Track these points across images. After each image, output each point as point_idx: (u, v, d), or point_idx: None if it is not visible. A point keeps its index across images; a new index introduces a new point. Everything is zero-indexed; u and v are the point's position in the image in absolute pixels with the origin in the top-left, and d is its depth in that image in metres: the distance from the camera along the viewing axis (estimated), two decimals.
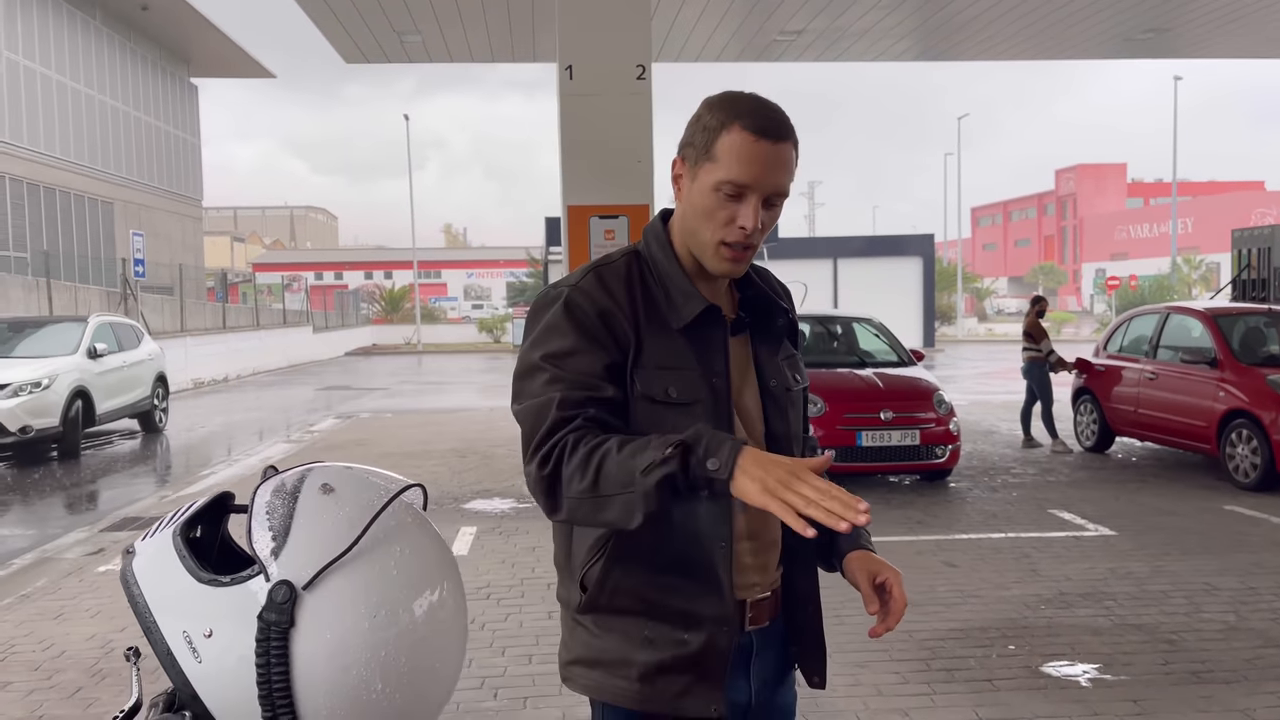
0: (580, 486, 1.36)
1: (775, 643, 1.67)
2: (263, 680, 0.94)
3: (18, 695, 4.12)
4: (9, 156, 23.60)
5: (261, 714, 0.94)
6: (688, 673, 1.51)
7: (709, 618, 1.51)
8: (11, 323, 13.20)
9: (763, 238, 1.55)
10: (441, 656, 1.06)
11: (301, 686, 0.94)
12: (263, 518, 1.01)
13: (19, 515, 8.77)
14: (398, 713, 1.00)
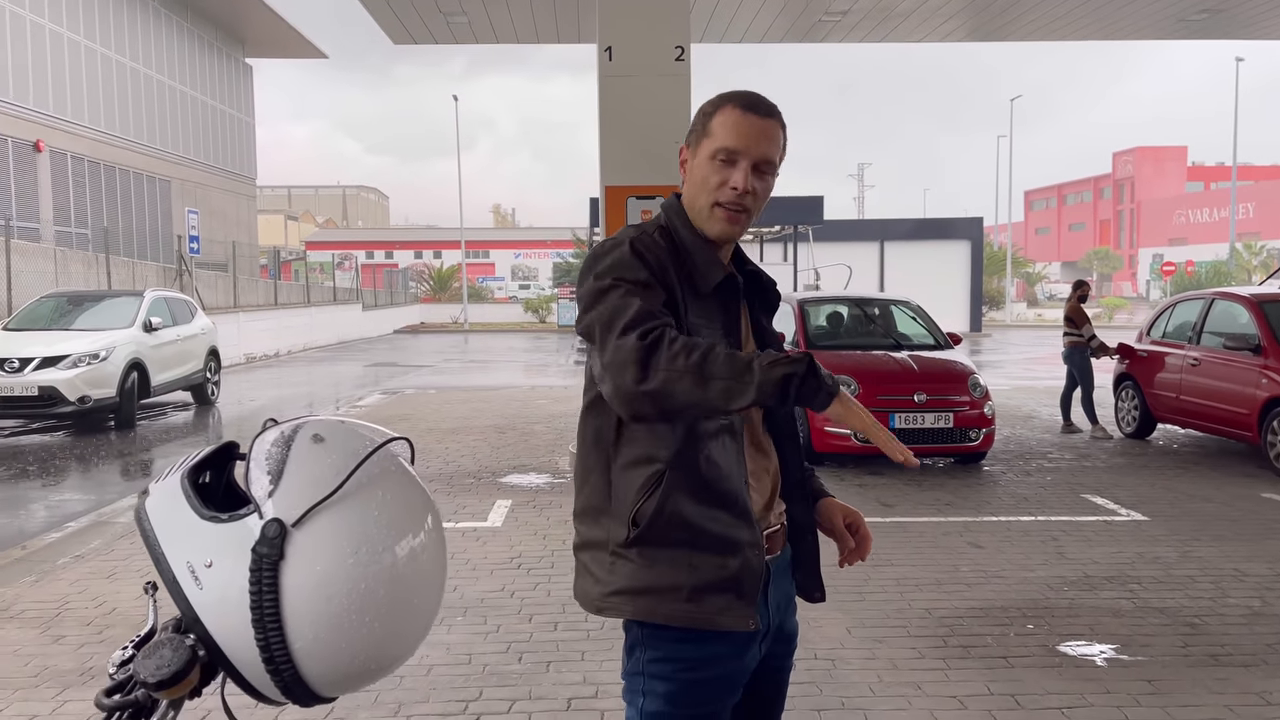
0: (685, 362, 1.50)
1: (784, 571, 1.87)
2: (255, 606, 1.05)
3: (70, 648, 4.35)
4: (72, 135, 24.25)
5: (254, 637, 1.06)
6: (728, 592, 1.70)
7: (745, 543, 1.71)
8: (71, 296, 13.64)
9: (757, 205, 1.76)
10: (420, 594, 1.16)
11: (290, 614, 1.06)
12: (260, 463, 1.12)
13: (77, 481, 9.12)
14: (377, 642, 1.11)
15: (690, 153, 1.79)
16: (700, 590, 1.68)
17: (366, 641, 1.10)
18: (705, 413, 1.56)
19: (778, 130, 1.75)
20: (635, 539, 1.70)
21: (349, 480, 1.11)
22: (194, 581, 1.08)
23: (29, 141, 22.62)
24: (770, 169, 1.75)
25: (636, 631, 1.75)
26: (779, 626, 1.87)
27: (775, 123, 1.75)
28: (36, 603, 5.00)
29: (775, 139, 1.75)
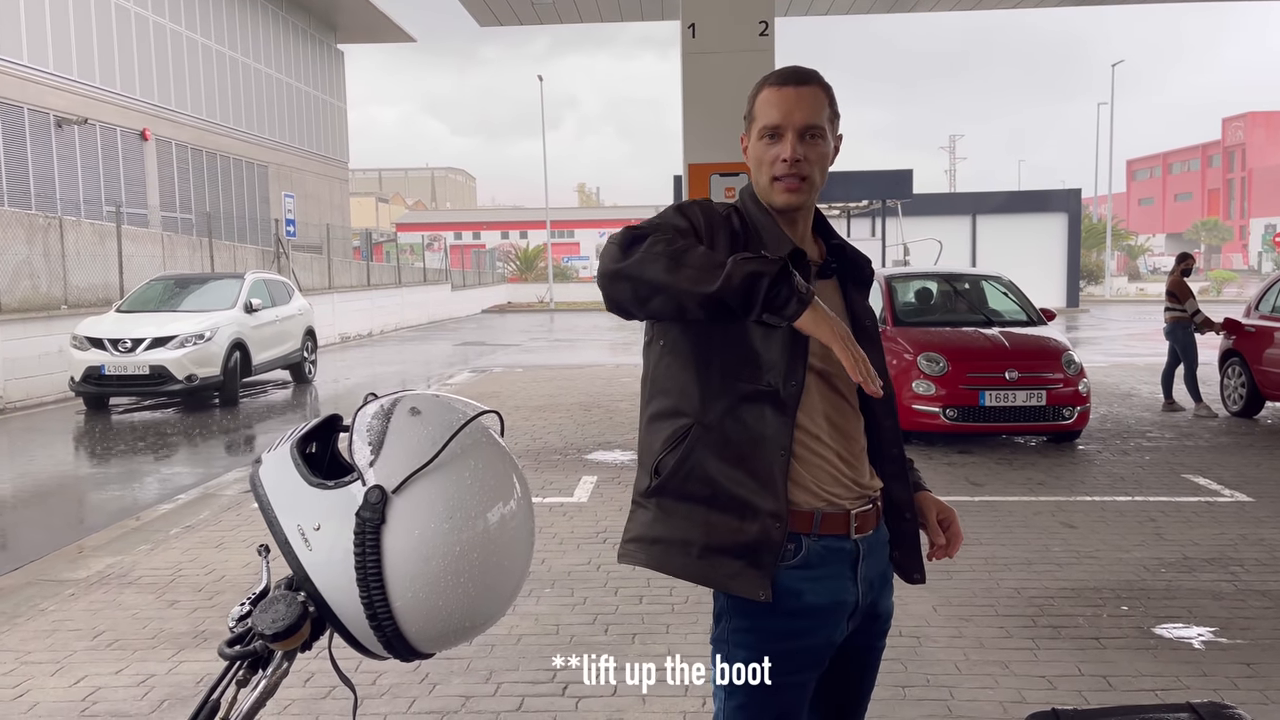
0: (665, 249, 1.52)
1: (879, 549, 1.84)
2: (359, 567, 1.13)
3: (184, 612, 4.61)
4: (176, 123, 25.22)
5: (359, 595, 1.14)
6: (741, 558, 1.69)
7: (766, 512, 1.69)
8: (178, 279, 14.25)
9: (817, 171, 1.78)
10: (510, 558, 1.23)
11: (390, 573, 1.13)
12: (362, 434, 1.20)
13: (185, 455, 9.57)
14: (471, 601, 1.17)
15: (746, 139, 1.86)
16: (712, 550, 1.68)
17: (461, 601, 1.16)
18: (678, 303, 1.50)
19: (817, 95, 1.77)
20: (655, 489, 1.74)
21: (444, 450, 1.17)
22: (304, 543, 1.16)
23: (136, 131, 23.61)
24: (819, 132, 1.76)
25: (723, 600, 1.77)
26: (871, 604, 1.83)
27: (813, 88, 1.77)
28: (152, 569, 5.29)
29: (815, 104, 1.76)
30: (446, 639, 1.20)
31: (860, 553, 1.78)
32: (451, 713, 3.47)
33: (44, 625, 4.46)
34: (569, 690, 3.64)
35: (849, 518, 1.75)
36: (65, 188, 20.79)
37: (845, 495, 1.76)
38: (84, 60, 21.69)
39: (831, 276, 1.86)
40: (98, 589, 4.97)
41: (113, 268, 16.46)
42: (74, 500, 7.94)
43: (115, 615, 4.57)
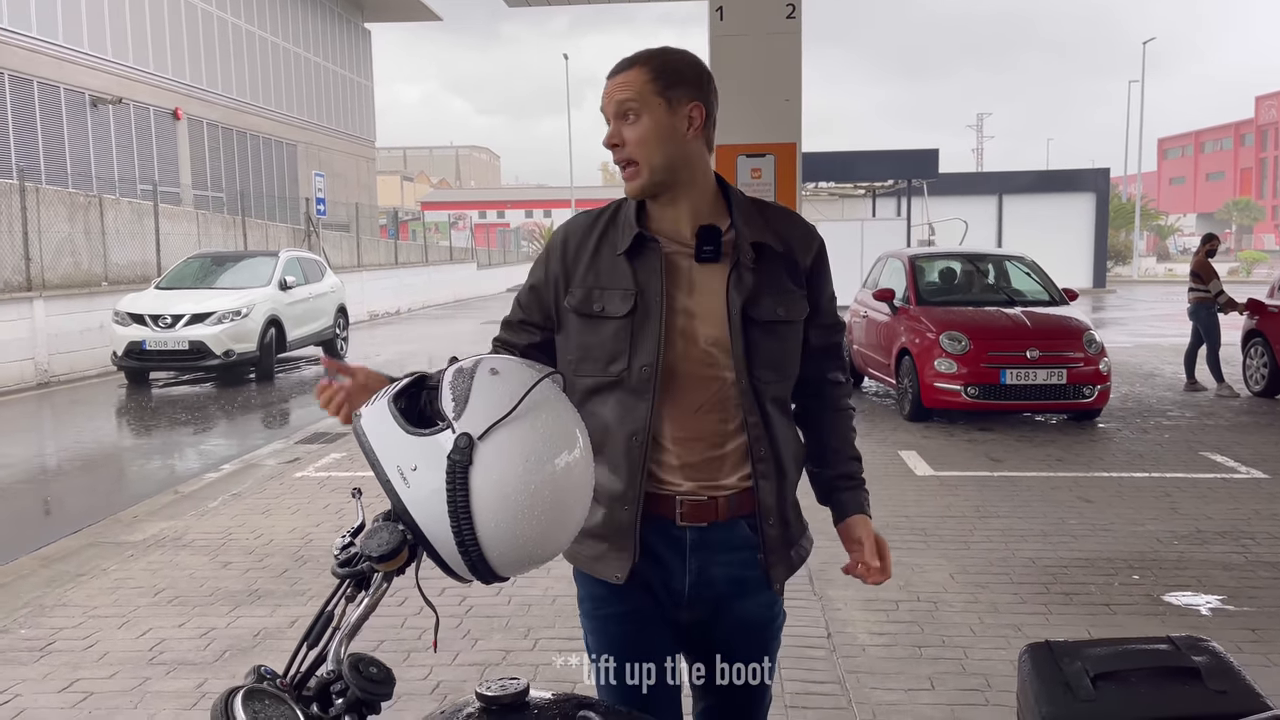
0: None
1: (726, 547, 1.80)
2: (450, 501, 1.33)
3: (238, 572, 4.87)
4: (207, 103, 25.54)
5: (449, 526, 1.34)
6: (603, 541, 1.78)
7: (613, 496, 1.76)
8: (215, 256, 14.57)
9: (640, 150, 1.74)
10: (575, 497, 1.43)
11: (476, 507, 1.33)
12: (449, 390, 1.40)
13: (225, 428, 9.88)
14: (541, 532, 1.38)
15: None
16: (583, 533, 1.61)
17: (533, 531, 1.37)
18: None
19: (633, 74, 1.74)
20: None
21: (520, 403, 1.37)
22: (403, 481, 1.36)
23: (169, 110, 23.94)
24: (631, 108, 1.73)
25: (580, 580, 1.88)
26: (725, 609, 1.81)
27: (632, 70, 1.75)
28: (204, 533, 5.57)
29: (629, 82, 1.74)
30: (521, 564, 1.40)
31: (688, 542, 1.77)
32: (493, 665, 3.70)
33: (107, 583, 4.74)
34: None
35: (672, 504, 1.77)
36: (101, 166, 21.16)
37: (677, 482, 1.77)
38: (118, 40, 22.01)
39: (718, 261, 1.77)
40: (154, 551, 5.25)
41: (150, 245, 16.81)
42: (121, 470, 8.25)
43: (173, 574, 4.84)
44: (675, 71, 1.76)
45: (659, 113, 1.74)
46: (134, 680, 3.63)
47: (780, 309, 1.80)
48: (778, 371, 1.82)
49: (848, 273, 18.81)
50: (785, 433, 1.85)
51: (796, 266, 1.83)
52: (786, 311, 1.81)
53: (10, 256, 13.44)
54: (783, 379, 1.84)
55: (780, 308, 1.80)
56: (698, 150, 1.80)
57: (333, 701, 1.29)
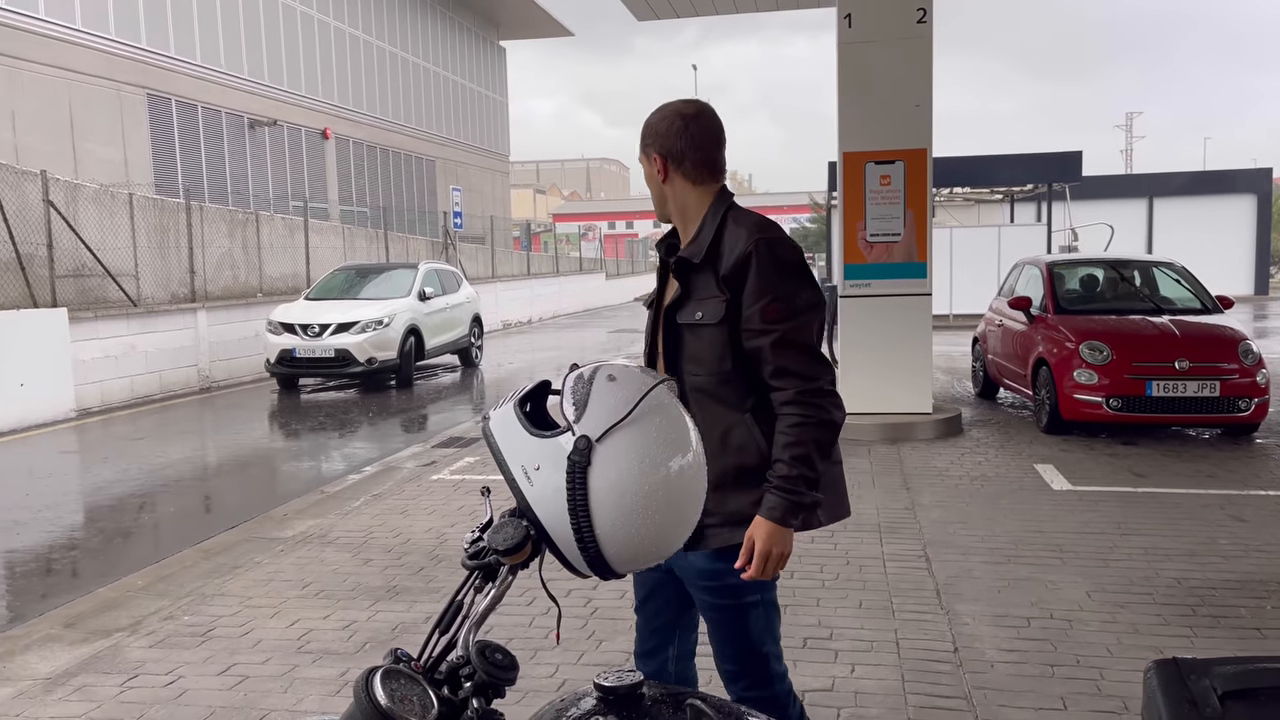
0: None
1: None
2: (570, 499, 1.41)
3: (378, 569, 5.12)
4: (353, 122, 26.84)
5: (569, 523, 1.42)
6: None
7: None
8: (359, 269, 15.29)
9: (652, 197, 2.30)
10: (687, 499, 1.48)
11: (594, 506, 1.41)
12: (569, 395, 1.48)
13: (367, 432, 10.36)
14: (656, 531, 1.44)
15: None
16: None
17: (648, 531, 1.43)
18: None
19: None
20: None
21: (636, 408, 1.44)
22: (527, 480, 1.45)
23: (318, 130, 25.28)
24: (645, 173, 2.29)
25: None
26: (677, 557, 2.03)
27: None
28: (347, 531, 5.87)
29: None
30: (635, 562, 1.47)
31: None
32: (615, 666, 3.78)
33: (260, 576, 5.06)
34: None
35: None
36: (257, 184, 22.52)
37: None
38: (274, 66, 23.39)
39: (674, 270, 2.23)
40: (302, 547, 5.57)
41: (300, 258, 17.78)
42: (273, 470, 8.77)
43: (319, 569, 5.13)
44: (647, 129, 2.26)
45: (644, 165, 2.28)
46: (284, 666, 3.88)
47: (699, 313, 2.14)
48: (701, 365, 2.16)
49: (983, 280, 18.33)
50: (711, 419, 2.13)
51: (717, 274, 2.13)
52: (705, 315, 2.14)
53: (178, 270, 14.46)
54: (710, 373, 2.15)
55: (699, 311, 2.14)
56: (676, 187, 2.24)
57: (461, 684, 1.39)
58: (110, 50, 18.02)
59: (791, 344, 2.10)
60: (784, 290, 2.10)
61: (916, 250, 8.30)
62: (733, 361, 2.13)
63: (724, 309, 2.11)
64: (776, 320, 2.09)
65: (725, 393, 2.14)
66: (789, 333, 2.09)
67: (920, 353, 8.44)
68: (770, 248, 2.12)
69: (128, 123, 18.48)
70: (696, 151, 2.21)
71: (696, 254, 2.16)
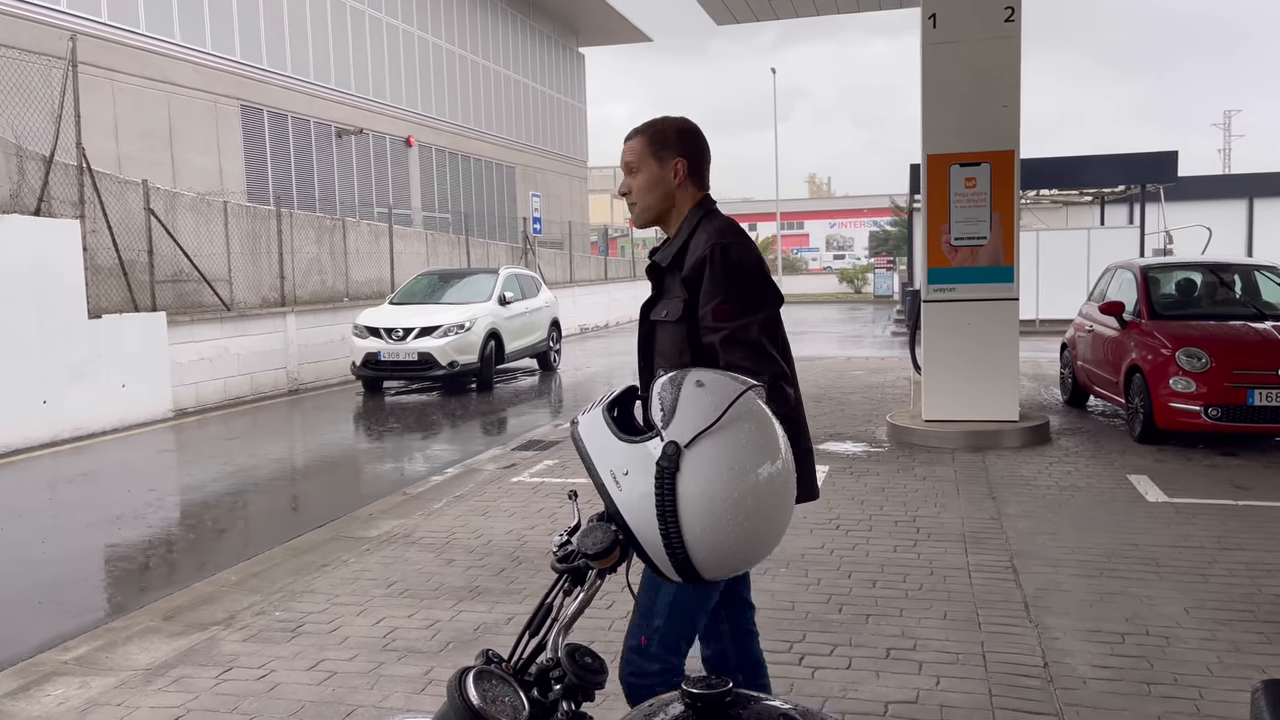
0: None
1: None
2: (658, 504, 1.41)
3: (460, 569, 5.20)
4: (436, 130, 27.35)
5: (658, 528, 1.42)
6: None
7: None
8: (441, 274, 15.58)
9: (640, 195, 2.43)
10: (776, 507, 1.47)
11: (683, 511, 1.41)
12: (658, 400, 1.48)
13: (448, 434, 10.53)
14: (744, 539, 1.43)
15: None
16: None
17: (737, 537, 1.42)
18: None
19: (635, 143, 2.42)
20: None
21: (725, 414, 1.43)
22: (615, 485, 1.45)
23: (402, 138, 25.82)
24: (633, 168, 2.42)
25: None
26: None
27: (633, 140, 2.42)
28: (430, 532, 5.98)
29: (632, 149, 2.42)
30: (723, 568, 1.46)
31: None
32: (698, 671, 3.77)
33: (347, 574, 5.18)
34: (805, 661, 3.86)
35: None
36: (343, 191, 23.10)
37: None
38: (360, 75, 23.98)
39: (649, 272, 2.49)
40: (387, 546, 5.69)
41: (385, 263, 18.18)
42: (357, 471, 8.97)
43: (403, 569, 5.23)
44: (666, 135, 2.41)
45: (654, 169, 2.40)
46: (370, 664, 3.96)
47: (665, 311, 2.39)
48: (666, 359, 2.38)
49: (1070, 285, 17.82)
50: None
51: (679, 276, 2.36)
52: (669, 313, 2.37)
53: (268, 275, 14.92)
54: (672, 366, 2.29)
55: (665, 310, 2.39)
56: (681, 194, 2.43)
57: (551, 687, 1.40)
58: (207, 63, 18.70)
59: (739, 342, 2.26)
60: (734, 292, 2.28)
61: (1003, 254, 8.11)
62: (691, 356, 2.32)
63: (682, 308, 2.33)
64: (726, 319, 2.27)
65: None
66: (736, 331, 2.26)
67: (1007, 358, 8.24)
68: (725, 252, 2.29)
69: (222, 133, 19.13)
70: (705, 164, 2.47)
71: (665, 258, 2.42)
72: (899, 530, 5.69)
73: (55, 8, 15.32)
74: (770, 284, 2.36)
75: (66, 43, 11.22)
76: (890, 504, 6.28)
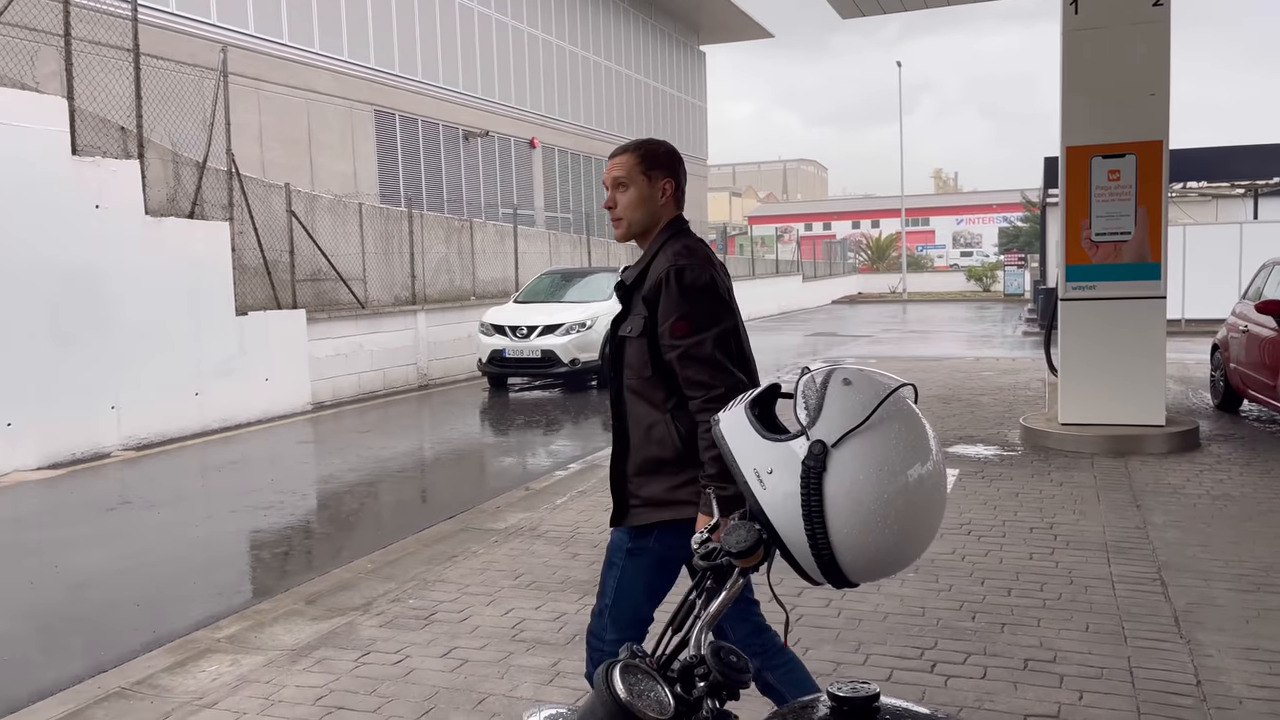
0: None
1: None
2: (804, 504, 1.39)
3: (585, 564, 5.27)
4: (559, 131, 27.80)
5: (804, 528, 1.40)
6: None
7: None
8: (564, 273, 15.81)
9: (627, 210, 2.53)
10: (927, 510, 1.43)
11: (830, 513, 1.38)
12: (803, 398, 1.46)
13: (570, 430, 10.69)
14: (894, 542, 1.39)
15: None
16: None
17: (886, 540, 1.39)
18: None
19: (624, 159, 2.53)
20: None
21: (873, 414, 1.40)
22: (759, 484, 1.44)
23: (526, 139, 26.33)
24: (622, 182, 2.52)
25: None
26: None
27: (622, 156, 2.54)
28: (555, 525, 6.07)
29: (621, 165, 2.53)
30: (871, 572, 1.43)
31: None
32: (823, 675, 3.72)
33: (476, 565, 5.31)
34: (938, 669, 3.75)
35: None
36: (470, 192, 23.71)
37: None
38: (486, 79, 24.57)
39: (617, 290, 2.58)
40: (514, 539, 5.81)
41: (509, 263, 18.59)
42: (483, 464, 9.20)
43: (530, 561, 5.33)
44: (658, 157, 2.54)
45: (643, 187, 2.52)
46: (500, 653, 4.05)
47: (629, 327, 2.52)
48: (632, 370, 2.53)
49: (1221, 282, 16.83)
50: (638, 416, 2.53)
51: (640, 295, 2.49)
52: (632, 329, 2.51)
53: (400, 275, 15.44)
54: (637, 377, 2.51)
55: (630, 326, 2.52)
56: (664, 211, 2.56)
57: (695, 684, 1.39)
58: (343, 70, 19.48)
59: (694, 358, 2.40)
60: (687, 310, 2.41)
61: (1150, 250, 7.71)
62: (652, 369, 2.47)
63: (643, 324, 2.47)
64: (682, 336, 2.41)
65: (650, 394, 2.50)
66: (691, 348, 2.40)
67: (1152, 360, 7.83)
68: (679, 274, 2.43)
69: (357, 137, 19.90)
70: (684, 186, 2.62)
71: (630, 277, 2.55)
72: (1035, 537, 5.47)
73: (206, 20, 16.23)
74: (722, 302, 2.49)
75: (218, 54, 11.86)
76: (1025, 509, 6.06)
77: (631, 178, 2.51)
